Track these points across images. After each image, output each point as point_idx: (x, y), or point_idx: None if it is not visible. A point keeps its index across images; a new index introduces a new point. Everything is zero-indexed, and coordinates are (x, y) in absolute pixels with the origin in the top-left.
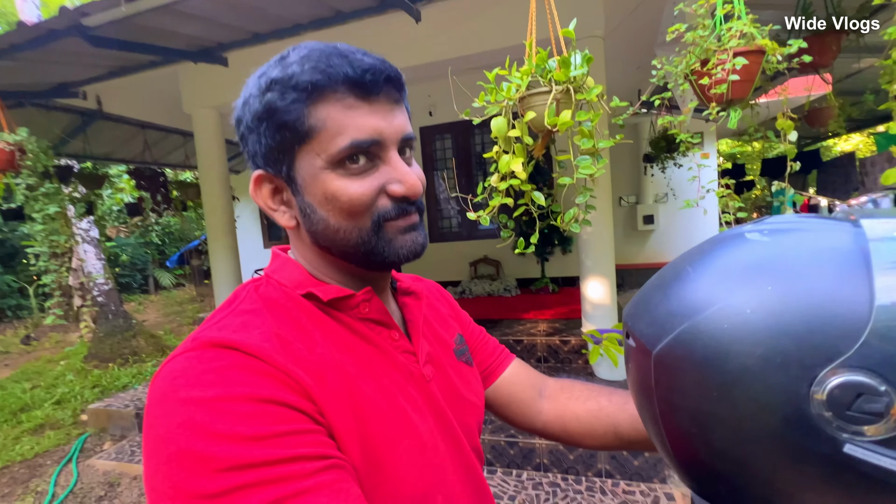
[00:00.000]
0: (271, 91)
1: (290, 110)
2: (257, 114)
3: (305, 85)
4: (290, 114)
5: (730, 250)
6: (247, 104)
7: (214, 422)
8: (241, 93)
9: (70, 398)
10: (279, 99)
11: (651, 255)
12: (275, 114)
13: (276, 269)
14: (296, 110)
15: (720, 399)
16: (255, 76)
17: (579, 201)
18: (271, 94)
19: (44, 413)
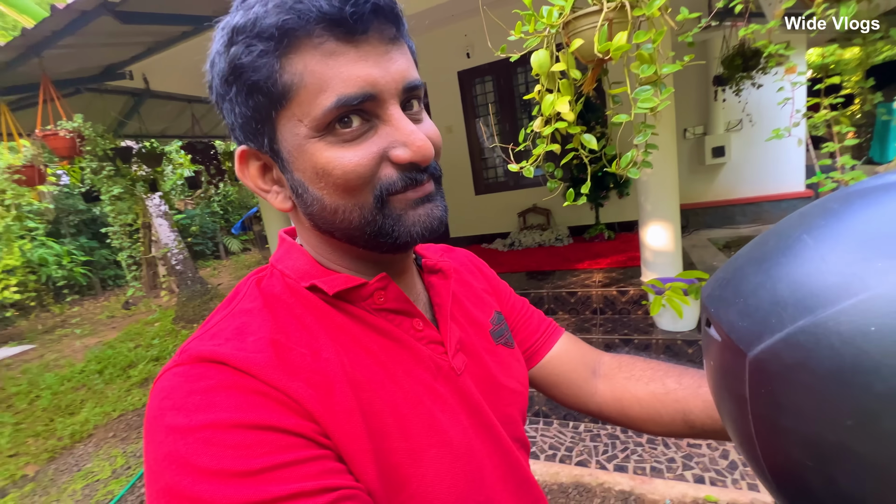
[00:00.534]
0: (235, 44)
1: (258, 66)
2: (223, 75)
3: (272, 30)
4: (259, 71)
5: (874, 211)
6: (213, 64)
7: (199, 455)
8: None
9: (166, 355)
10: (244, 53)
11: (720, 191)
12: (242, 73)
13: (281, 257)
14: (266, 66)
15: (856, 430)
16: (218, 27)
17: (638, 142)
18: (235, 48)
19: (146, 368)
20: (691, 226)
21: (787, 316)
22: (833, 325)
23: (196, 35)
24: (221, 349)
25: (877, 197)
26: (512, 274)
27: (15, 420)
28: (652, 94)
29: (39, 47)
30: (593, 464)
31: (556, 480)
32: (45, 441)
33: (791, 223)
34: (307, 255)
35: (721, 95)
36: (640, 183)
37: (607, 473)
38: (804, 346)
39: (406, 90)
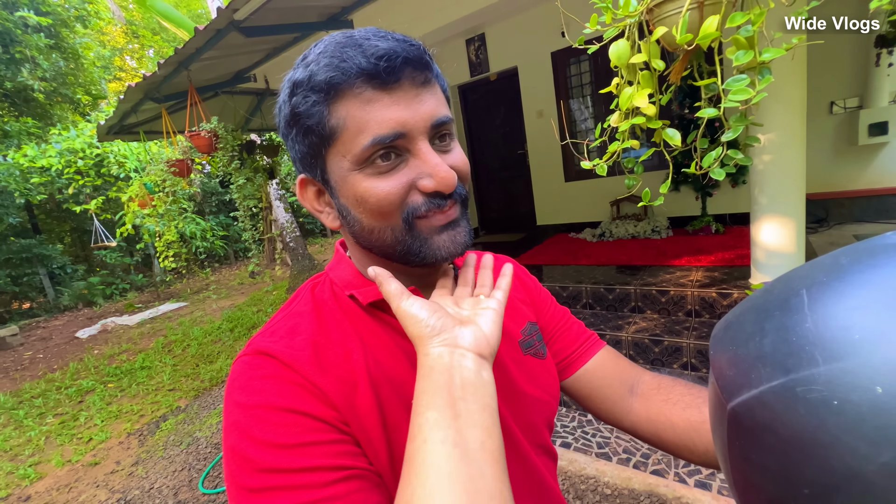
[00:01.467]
0: (295, 95)
1: (311, 113)
2: (287, 119)
3: (322, 85)
4: (312, 117)
5: (880, 274)
6: (280, 110)
7: (252, 427)
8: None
9: None
10: (301, 103)
11: (878, 177)
12: (300, 118)
13: (333, 267)
14: (317, 113)
15: (813, 500)
16: (285, 79)
17: (725, 139)
18: (295, 99)
19: None
20: (832, 219)
21: (765, 373)
22: (802, 392)
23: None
24: (275, 346)
25: (886, 257)
26: (599, 267)
27: (173, 362)
28: (748, 83)
29: (188, 62)
30: (671, 475)
31: (628, 486)
32: (193, 381)
33: (801, 273)
34: (352, 266)
35: (886, 59)
36: (755, 172)
37: (686, 488)
38: (774, 408)
39: (434, 127)
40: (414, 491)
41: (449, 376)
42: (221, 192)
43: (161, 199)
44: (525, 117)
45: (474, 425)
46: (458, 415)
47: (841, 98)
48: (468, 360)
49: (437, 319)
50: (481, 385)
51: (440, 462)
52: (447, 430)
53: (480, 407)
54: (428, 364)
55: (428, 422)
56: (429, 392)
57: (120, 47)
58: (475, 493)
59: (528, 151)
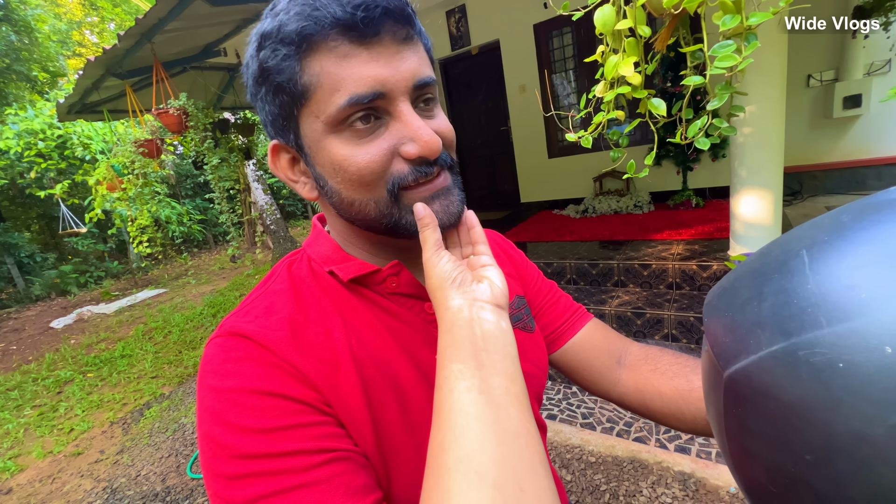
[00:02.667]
0: (263, 48)
1: (282, 69)
2: (255, 76)
3: (292, 36)
4: (282, 73)
5: (884, 231)
6: (247, 66)
7: (227, 412)
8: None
9: None
10: (270, 57)
11: (852, 150)
12: (269, 74)
13: (310, 243)
14: (288, 68)
15: (815, 466)
16: (253, 32)
17: (711, 107)
18: (264, 53)
19: None
20: (806, 191)
21: (764, 338)
22: (804, 355)
23: None
24: (249, 326)
25: (890, 213)
26: (582, 242)
27: (155, 349)
28: (734, 49)
29: (150, 33)
30: (652, 441)
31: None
32: (176, 368)
33: (799, 234)
34: (332, 241)
35: (862, 31)
36: (735, 145)
37: (667, 453)
38: (774, 373)
39: (416, 87)
40: (444, 435)
41: (470, 329)
42: (196, 174)
43: (131, 181)
44: (508, 92)
45: (498, 373)
46: (481, 364)
47: (818, 71)
48: (487, 312)
49: (458, 273)
50: (501, 335)
51: (467, 407)
52: (472, 379)
53: (502, 356)
54: (449, 318)
55: (453, 373)
56: (452, 346)
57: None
58: (503, 431)
59: (511, 128)
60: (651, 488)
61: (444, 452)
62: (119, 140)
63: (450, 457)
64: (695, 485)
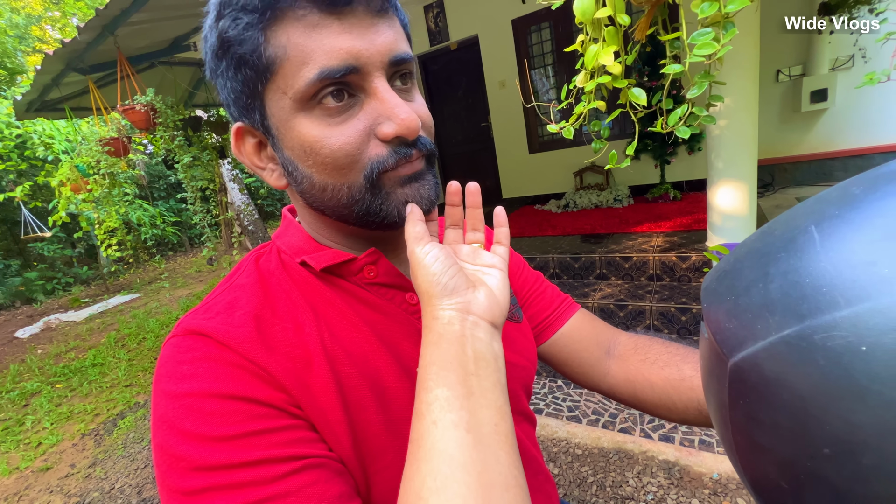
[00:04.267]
0: (223, 17)
1: (244, 39)
2: (214, 49)
3: (255, 2)
4: (245, 44)
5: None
6: (206, 40)
7: (183, 419)
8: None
9: None
10: (231, 26)
11: (820, 143)
12: (230, 46)
13: (280, 234)
14: (251, 38)
15: (836, 461)
16: (210, 1)
17: (691, 95)
18: (223, 22)
19: None
20: (777, 183)
21: (773, 322)
22: (820, 339)
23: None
24: (209, 323)
25: None
26: (564, 237)
27: (128, 357)
28: (712, 37)
29: (113, 25)
30: (637, 432)
31: (598, 445)
32: (150, 376)
33: (805, 209)
34: (303, 231)
35: (828, 27)
36: (711, 137)
37: (651, 442)
38: (787, 360)
39: (393, 63)
40: (424, 481)
41: (461, 347)
42: (169, 174)
43: (97, 181)
44: (488, 88)
45: (488, 405)
46: (470, 393)
47: (786, 66)
48: (481, 331)
49: (450, 277)
50: (493, 358)
51: (452, 450)
52: (460, 412)
53: (492, 383)
54: (437, 330)
55: (438, 400)
56: (438, 364)
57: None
58: (490, 484)
59: (491, 124)
60: (637, 478)
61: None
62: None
63: None
64: (679, 473)
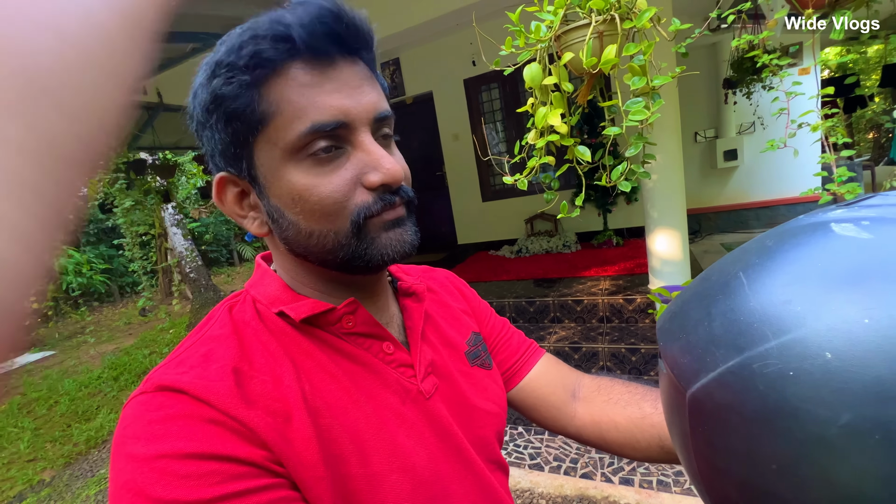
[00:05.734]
0: (216, 77)
1: (238, 95)
2: (205, 105)
3: (248, 62)
4: (238, 99)
5: (805, 251)
6: (196, 96)
7: (153, 484)
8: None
9: None
10: (224, 83)
11: (734, 195)
12: (223, 102)
13: (255, 283)
14: (245, 95)
15: (781, 474)
16: (203, 63)
17: (629, 154)
18: (216, 81)
19: None
20: (704, 230)
21: (720, 355)
22: (759, 368)
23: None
24: (183, 378)
25: (805, 236)
26: (518, 281)
27: (34, 425)
28: (643, 105)
29: None
30: (598, 476)
31: (561, 493)
32: (62, 446)
33: (733, 259)
34: (279, 280)
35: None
36: (645, 189)
37: (613, 486)
38: (733, 388)
39: (377, 120)
40: None
41: None
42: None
43: None
44: (442, 140)
45: None
46: None
47: (702, 129)
48: None
49: None
50: None
51: None
52: None
53: None
54: None
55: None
56: None
57: None
58: None
59: (446, 173)
60: None
61: None
62: None
63: None
64: None
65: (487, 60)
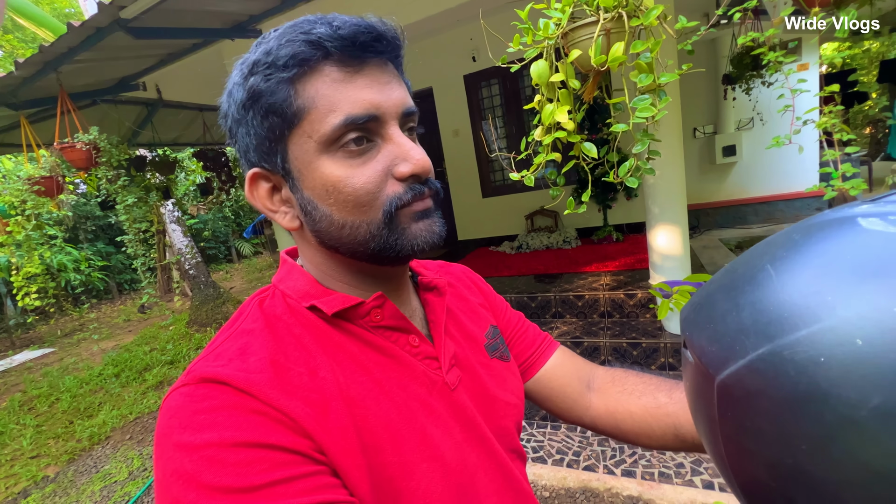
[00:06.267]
0: (254, 75)
1: (275, 91)
2: (242, 102)
3: (287, 60)
4: (275, 94)
5: (833, 245)
6: (230, 95)
7: (203, 472)
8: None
9: (179, 358)
10: (262, 81)
11: (732, 191)
12: (260, 98)
13: (283, 278)
14: (282, 90)
15: (812, 454)
16: (237, 64)
17: (636, 151)
18: (254, 79)
19: (161, 372)
20: (702, 226)
21: (749, 343)
22: (789, 355)
23: (205, 46)
24: (224, 370)
25: (832, 230)
26: (520, 277)
27: (36, 422)
28: (650, 103)
29: (57, 63)
30: (601, 469)
31: (564, 485)
32: (65, 443)
33: (758, 252)
34: (307, 275)
35: (731, 94)
36: (646, 185)
37: (615, 478)
38: (764, 374)
39: (405, 115)
40: None
41: None
42: (100, 215)
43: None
44: (442, 136)
45: None
46: None
47: (701, 125)
48: None
49: None
50: None
51: None
52: None
53: None
54: None
55: None
56: None
57: None
58: None
59: (446, 169)
60: None
61: None
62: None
63: None
64: None
65: (491, 57)
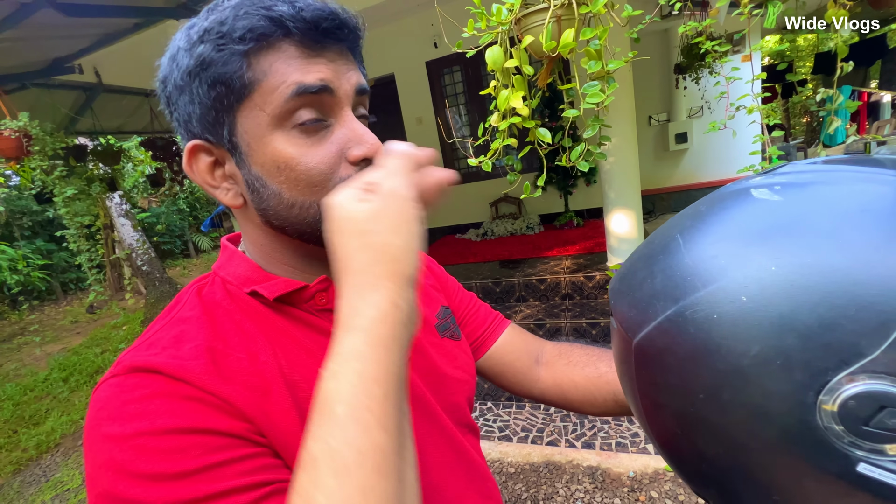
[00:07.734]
0: (204, 42)
1: (227, 62)
2: (189, 69)
3: (244, 32)
4: (227, 65)
5: (729, 214)
6: (174, 59)
7: (133, 460)
8: (166, 49)
9: None
10: (214, 50)
11: (685, 176)
12: (209, 66)
13: (223, 264)
14: (234, 62)
15: (707, 401)
16: (183, 28)
17: (587, 136)
18: (204, 46)
19: None
20: (657, 210)
21: (660, 306)
22: (690, 314)
23: (149, 27)
24: (156, 358)
25: (730, 201)
26: (485, 263)
27: None
28: (599, 89)
29: None
30: (563, 443)
31: (529, 460)
32: (10, 453)
33: (673, 223)
34: (249, 260)
35: (682, 83)
36: (603, 171)
37: (576, 451)
38: (669, 332)
39: (358, 92)
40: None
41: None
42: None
43: None
44: (405, 123)
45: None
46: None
47: (655, 113)
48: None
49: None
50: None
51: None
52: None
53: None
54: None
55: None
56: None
57: None
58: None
59: None
60: (566, 487)
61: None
62: None
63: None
64: (601, 476)
65: (449, 42)
